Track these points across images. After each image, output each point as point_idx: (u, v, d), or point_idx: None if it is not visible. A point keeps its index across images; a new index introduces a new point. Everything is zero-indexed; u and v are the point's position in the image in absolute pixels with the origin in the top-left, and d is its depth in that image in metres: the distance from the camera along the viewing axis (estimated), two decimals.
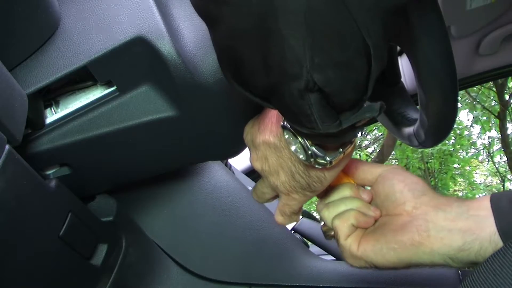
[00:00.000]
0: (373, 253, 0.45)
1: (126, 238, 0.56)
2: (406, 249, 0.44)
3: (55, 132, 0.45)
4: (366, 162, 0.50)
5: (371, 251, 0.45)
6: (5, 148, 0.35)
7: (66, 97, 0.47)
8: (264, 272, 0.65)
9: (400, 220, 0.45)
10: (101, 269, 0.51)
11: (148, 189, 0.67)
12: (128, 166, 0.52)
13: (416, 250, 0.43)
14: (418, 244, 0.43)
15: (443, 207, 0.43)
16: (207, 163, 0.72)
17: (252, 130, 0.46)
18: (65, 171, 0.49)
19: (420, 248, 0.43)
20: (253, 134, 0.45)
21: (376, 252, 0.45)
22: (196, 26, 0.43)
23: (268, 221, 0.70)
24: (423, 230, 0.43)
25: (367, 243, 0.46)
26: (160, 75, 0.43)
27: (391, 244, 0.44)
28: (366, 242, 0.46)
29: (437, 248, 0.42)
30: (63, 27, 0.43)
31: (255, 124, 0.45)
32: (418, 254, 0.43)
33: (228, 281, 0.64)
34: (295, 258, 0.67)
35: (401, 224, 0.45)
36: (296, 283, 0.64)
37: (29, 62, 0.42)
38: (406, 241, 0.44)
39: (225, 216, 0.68)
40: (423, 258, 0.43)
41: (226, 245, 0.66)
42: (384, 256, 0.45)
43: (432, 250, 0.43)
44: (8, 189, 0.36)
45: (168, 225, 0.66)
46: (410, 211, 0.45)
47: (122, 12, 0.43)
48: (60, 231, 0.43)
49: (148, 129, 0.46)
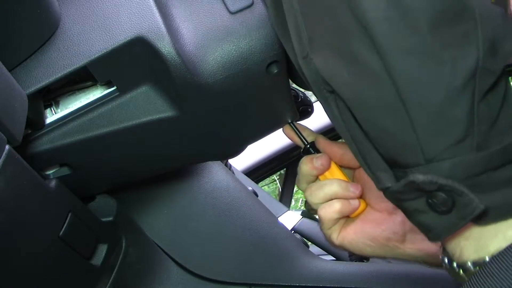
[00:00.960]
0: (350, 244, 0.47)
1: (126, 238, 0.56)
2: (381, 248, 0.46)
3: (55, 132, 0.45)
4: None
5: (349, 242, 0.47)
6: (5, 148, 0.35)
7: (66, 97, 0.47)
8: (264, 272, 0.65)
9: (380, 217, 0.47)
10: (101, 269, 0.51)
11: (148, 189, 0.67)
12: (128, 166, 0.52)
13: (390, 250, 0.46)
14: (393, 246, 0.45)
15: None
16: (207, 163, 0.72)
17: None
18: (65, 171, 0.49)
19: (394, 250, 0.45)
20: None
21: (353, 244, 0.47)
22: (196, 26, 0.43)
23: (268, 221, 0.70)
24: (400, 234, 0.45)
25: (346, 234, 0.48)
26: (160, 75, 0.43)
27: (367, 241, 0.46)
28: (345, 233, 0.48)
29: (410, 251, 0.45)
30: (63, 27, 0.43)
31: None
32: (392, 253, 0.46)
33: (228, 281, 0.64)
34: (295, 258, 0.67)
35: (379, 222, 0.47)
36: (296, 283, 0.64)
37: (29, 62, 0.42)
38: (382, 241, 0.46)
39: (225, 216, 0.68)
40: (397, 256, 0.46)
41: (226, 245, 0.66)
42: (360, 249, 0.47)
43: (405, 252, 0.45)
44: (8, 189, 0.36)
45: (168, 225, 0.66)
46: (390, 211, 0.46)
47: (122, 12, 0.43)
48: (60, 231, 0.43)
49: (148, 129, 0.46)
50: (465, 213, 0.28)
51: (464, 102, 0.27)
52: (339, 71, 0.30)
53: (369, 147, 0.31)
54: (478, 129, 0.28)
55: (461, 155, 0.28)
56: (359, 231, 0.47)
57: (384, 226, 0.46)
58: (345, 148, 0.49)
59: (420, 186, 0.28)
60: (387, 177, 0.30)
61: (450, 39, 0.27)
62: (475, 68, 0.27)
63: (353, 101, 0.30)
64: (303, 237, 0.88)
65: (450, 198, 0.28)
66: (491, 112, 0.28)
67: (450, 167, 0.28)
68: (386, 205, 0.47)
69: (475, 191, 0.28)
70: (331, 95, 0.32)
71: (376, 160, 0.31)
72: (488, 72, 0.28)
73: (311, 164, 0.50)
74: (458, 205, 0.28)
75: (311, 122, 0.55)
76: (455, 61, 0.27)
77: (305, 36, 0.32)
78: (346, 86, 0.30)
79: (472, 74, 0.27)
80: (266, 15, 0.43)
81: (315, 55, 0.31)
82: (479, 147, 0.28)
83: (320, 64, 0.31)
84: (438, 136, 0.28)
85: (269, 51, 0.43)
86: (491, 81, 0.28)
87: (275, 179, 3.04)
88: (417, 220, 0.31)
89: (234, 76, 0.43)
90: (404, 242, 0.45)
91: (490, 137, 0.28)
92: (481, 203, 0.27)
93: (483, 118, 0.28)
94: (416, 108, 0.28)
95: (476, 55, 0.27)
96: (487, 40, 0.27)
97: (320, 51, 0.31)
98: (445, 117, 0.28)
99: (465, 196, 0.28)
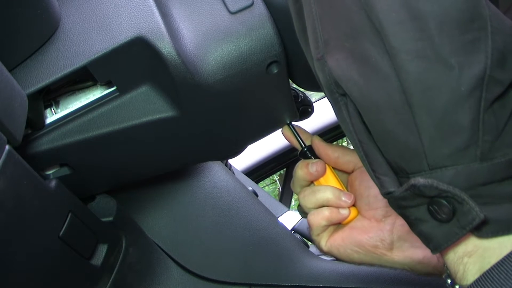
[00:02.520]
0: (338, 251, 0.48)
1: (126, 238, 0.56)
2: (368, 255, 0.46)
3: (55, 132, 0.45)
4: (346, 149, 0.50)
5: (336, 249, 0.48)
6: (5, 148, 0.35)
7: (66, 97, 0.47)
8: (264, 272, 0.65)
9: (368, 225, 0.48)
10: (101, 269, 0.51)
11: (148, 189, 0.67)
12: (128, 166, 0.52)
13: (378, 257, 0.46)
14: (381, 253, 0.46)
15: None
16: (207, 163, 0.72)
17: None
18: (65, 171, 0.49)
19: (382, 257, 0.46)
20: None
21: (341, 251, 0.48)
22: (196, 26, 0.43)
23: (268, 221, 0.70)
24: (387, 242, 0.45)
25: (334, 241, 0.48)
26: (160, 75, 0.43)
27: (355, 247, 0.47)
28: (333, 240, 0.48)
29: (398, 259, 0.45)
30: (63, 27, 0.43)
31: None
32: (380, 261, 0.46)
33: (228, 281, 0.64)
34: (295, 258, 0.67)
35: (367, 229, 0.47)
36: (296, 283, 0.64)
37: (29, 62, 0.42)
38: (369, 248, 0.46)
39: (225, 216, 0.68)
40: (384, 264, 0.46)
41: (226, 245, 0.66)
42: (348, 256, 0.47)
43: (393, 260, 0.45)
44: (8, 189, 0.36)
45: (168, 225, 0.66)
46: (379, 219, 0.46)
47: (122, 12, 0.43)
48: (60, 231, 0.43)
49: (148, 129, 0.46)
50: (465, 222, 0.28)
51: (469, 109, 0.27)
52: (350, 72, 0.31)
53: (375, 151, 0.31)
54: (483, 139, 0.28)
55: (464, 164, 0.28)
56: (346, 238, 0.47)
57: (371, 233, 0.46)
58: (340, 152, 0.49)
59: (421, 190, 0.28)
60: (391, 182, 0.30)
61: (460, 45, 0.27)
62: (483, 76, 0.27)
63: (362, 103, 0.31)
64: (303, 237, 0.88)
65: (450, 206, 0.28)
66: (498, 123, 0.28)
67: (453, 175, 0.28)
68: (374, 213, 0.47)
69: (477, 201, 0.27)
70: (342, 98, 0.32)
71: (381, 165, 0.31)
72: (496, 82, 0.28)
73: (306, 169, 0.50)
74: (458, 214, 0.28)
75: (311, 122, 0.55)
76: (463, 67, 0.27)
77: (321, 39, 0.32)
78: (356, 87, 0.30)
79: (479, 82, 0.27)
80: (266, 15, 0.43)
81: (329, 57, 0.32)
82: (483, 157, 0.28)
83: (333, 65, 0.32)
84: (442, 142, 0.28)
85: (269, 51, 0.43)
86: (499, 91, 0.28)
87: (275, 179, 3.04)
88: (419, 229, 0.31)
89: (234, 76, 0.43)
90: (391, 250, 0.45)
91: (495, 149, 0.28)
92: (482, 214, 0.27)
93: (488, 128, 0.28)
94: (422, 112, 0.28)
95: (484, 63, 0.27)
96: (496, 50, 0.28)
97: (334, 53, 0.32)
98: (449, 123, 0.28)
99: (466, 205, 0.27)
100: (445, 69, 0.27)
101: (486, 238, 0.28)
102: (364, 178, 0.48)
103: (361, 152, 0.32)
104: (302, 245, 0.71)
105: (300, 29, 0.36)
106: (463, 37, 0.27)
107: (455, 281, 0.31)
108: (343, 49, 0.31)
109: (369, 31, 0.29)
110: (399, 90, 0.28)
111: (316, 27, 0.33)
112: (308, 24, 0.34)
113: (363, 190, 0.48)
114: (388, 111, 0.29)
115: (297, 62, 0.46)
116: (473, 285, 0.28)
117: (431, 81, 0.28)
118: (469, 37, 0.27)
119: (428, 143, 0.28)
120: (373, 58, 0.29)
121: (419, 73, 0.28)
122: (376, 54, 0.29)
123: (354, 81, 0.30)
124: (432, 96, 0.28)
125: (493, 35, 0.28)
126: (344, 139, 2.79)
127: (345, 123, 0.32)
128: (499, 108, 0.28)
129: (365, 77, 0.30)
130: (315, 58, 0.33)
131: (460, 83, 0.27)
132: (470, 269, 0.29)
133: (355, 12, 0.30)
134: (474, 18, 0.28)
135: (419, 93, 0.28)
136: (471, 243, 0.29)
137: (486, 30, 0.28)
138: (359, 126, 0.32)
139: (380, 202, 0.46)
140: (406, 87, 0.28)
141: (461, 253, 0.30)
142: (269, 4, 0.44)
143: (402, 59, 0.28)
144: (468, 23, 0.27)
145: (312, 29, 0.33)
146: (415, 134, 0.29)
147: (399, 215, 0.32)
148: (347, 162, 0.49)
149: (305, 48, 0.36)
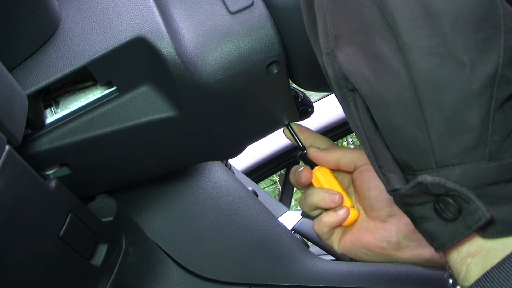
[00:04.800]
0: (349, 254, 0.49)
1: (126, 238, 0.56)
2: (378, 256, 0.47)
3: (55, 132, 0.45)
4: (345, 150, 0.50)
5: (348, 252, 0.49)
6: (5, 149, 0.35)
7: (66, 97, 0.47)
8: (264, 272, 0.65)
9: (373, 226, 0.48)
10: (101, 269, 0.51)
11: (148, 189, 0.67)
12: (128, 166, 0.52)
13: (387, 257, 0.47)
14: (389, 254, 0.46)
15: None
16: (207, 163, 0.72)
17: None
18: (65, 171, 0.49)
19: (391, 257, 0.46)
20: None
21: (352, 254, 0.49)
22: (196, 26, 0.43)
23: (268, 221, 0.70)
24: (394, 243, 0.46)
25: (345, 244, 0.49)
26: (160, 75, 0.43)
27: (364, 250, 0.47)
28: (344, 244, 0.49)
29: (406, 258, 0.46)
30: (63, 27, 0.43)
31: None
32: (390, 259, 0.47)
33: (228, 281, 0.64)
34: (295, 258, 0.67)
35: (373, 231, 0.47)
36: (296, 283, 0.64)
37: (29, 62, 0.42)
38: (378, 250, 0.47)
39: (225, 216, 0.68)
40: (396, 261, 0.47)
41: (226, 245, 0.66)
42: (360, 258, 0.48)
43: (402, 259, 0.46)
44: (8, 189, 0.36)
45: (168, 225, 0.66)
46: (383, 219, 0.46)
47: (122, 12, 0.43)
48: (60, 231, 0.43)
49: (148, 129, 0.46)
50: (471, 221, 0.28)
51: (480, 108, 0.27)
52: (360, 68, 0.30)
53: (382, 148, 0.31)
54: (492, 138, 0.27)
55: (472, 163, 0.27)
56: (354, 240, 0.48)
57: (377, 235, 0.46)
58: (340, 154, 0.49)
59: (428, 188, 0.28)
60: (397, 179, 0.30)
61: (472, 43, 0.27)
62: (494, 75, 0.27)
63: (372, 99, 0.30)
64: (303, 237, 0.88)
65: (457, 205, 0.28)
66: (507, 123, 0.28)
67: (460, 173, 0.28)
68: (378, 214, 0.47)
69: (484, 201, 0.27)
70: (351, 93, 0.32)
71: (388, 161, 0.31)
72: (507, 81, 0.27)
73: (293, 175, 0.51)
74: (464, 213, 0.28)
75: (311, 122, 0.55)
76: (475, 65, 0.27)
77: (331, 34, 0.32)
78: (366, 82, 0.30)
79: (490, 81, 0.27)
80: (266, 15, 0.43)
81: (339, 51, 0.32)
82: (491, 157, 0.27)
83: (343, 60, 0.31)
84: (451, 140, 0.28)
85: (269, 51, 0.43)
86: (510, 91, 0.28)
87: (275, 179, 3.04)
88: (423, 227, 0.30)
89: (234, 76, 0.43)
90: (399, 250, 0.45)
91: (504, 149, 0.28)
92: (488, 213, 0.27)
93: (498, 127, 0.27)
94: (432, 109, 0.28)
95: (496, 62, 0.27)
96: (509, 49, 0.27)
97: (344, 47, 0.31)
98: (459, 121, 0.27)
99: (472, 204, 0.27)
100: (457, 66, 0.27)
101: (491, 239, 0.28)
102: (364, 180, 0.48)
103: (368, 148, 0.32)
104: (302, 245, 0.71)
105: (309, 23, 0.36)
106: (476, 35, 0.27)
107: (456, 281, 0.31)
108: (353, 44, 0.31)
109: (381, 27, 0.29)
110: (409, 87, 0.28)
111: (327, 21, 0.32)
112: (318, 18, 0.34)
113: (364, 192, 0.48)
114: (398, 107, 0.29)
115: (297, 62, 0.46)
116: (474, 285, 0.28)
117: (442, 78, 0.27)
118: (482, 35, 0.27)
119: (437, 141, 0.28)
120: (384, 54, 0.29)
121: (430, 70, 0.28)
122: (387, 50, 0.29)
123: (364, 76, 0.30)
124: (442, 94, 0.27)
125: (506, 34, 0.27)
126: (344, 139, 2.79)
127: (353, 118, 0.32)
128: (509, 108, 0.28)
129: (375, 72, 0.30)
130: (325, 53, 0.33)
131: (472, 81, 0.27)
132: (473, 270, 0.29)
133: (367, 7, 0.29)
134: (488, 16, 0.27)
135: (430, 90, 0.28)
136: (475, 244, 0.29)
137: (500, 29, 0.27)
138: (367, 122, 0.31)
139: (381, 203, 0.46)
140: (417, 83, 0.28)
141: (464, 253, 0.30)
142: (269, 4, 0.44)
143: (414, 56, 0.28)
144: (482, 21, 0.27)
145: (323, 24, 0.33)
146: (424, 131, 0.28)
147: (404, 212, 0.31)
148: (348, 163, 0.49)
149: (314, 43, 0.36)
